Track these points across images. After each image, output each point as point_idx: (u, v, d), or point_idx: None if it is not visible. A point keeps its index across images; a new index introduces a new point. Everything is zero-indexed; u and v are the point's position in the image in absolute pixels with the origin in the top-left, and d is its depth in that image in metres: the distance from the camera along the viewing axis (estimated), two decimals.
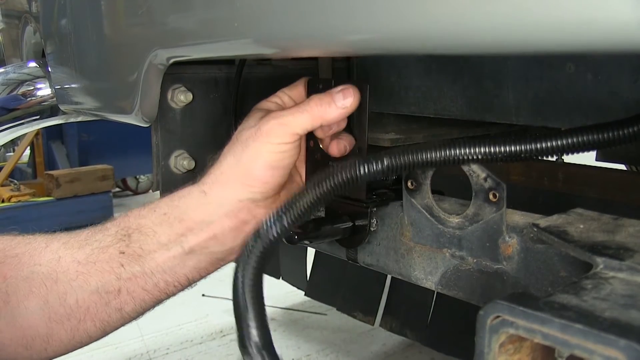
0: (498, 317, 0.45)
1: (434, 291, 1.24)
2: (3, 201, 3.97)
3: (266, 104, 0.79)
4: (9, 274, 0.76)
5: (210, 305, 2.67)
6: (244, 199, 0.75)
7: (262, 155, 0.73)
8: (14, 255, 0.78)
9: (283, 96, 0.80)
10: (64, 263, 0.77)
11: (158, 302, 0.79)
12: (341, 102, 0.71)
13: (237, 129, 0.77)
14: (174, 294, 0.79)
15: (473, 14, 0.41)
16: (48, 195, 4.07)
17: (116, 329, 0.79)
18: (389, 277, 2.08)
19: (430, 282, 0.74)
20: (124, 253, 0.76)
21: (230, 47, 0.68)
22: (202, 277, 0.80)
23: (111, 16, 0.87)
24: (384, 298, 2.07)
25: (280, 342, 2.46)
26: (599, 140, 0.56)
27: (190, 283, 0.79)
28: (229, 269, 0.66)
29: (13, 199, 3.99)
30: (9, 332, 0.75)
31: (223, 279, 0.79)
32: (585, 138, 0.56)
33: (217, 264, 0.79)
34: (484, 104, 0.86)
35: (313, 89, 0.77)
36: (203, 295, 2.71)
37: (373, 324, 2.10)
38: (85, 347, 0.80)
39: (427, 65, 0.94)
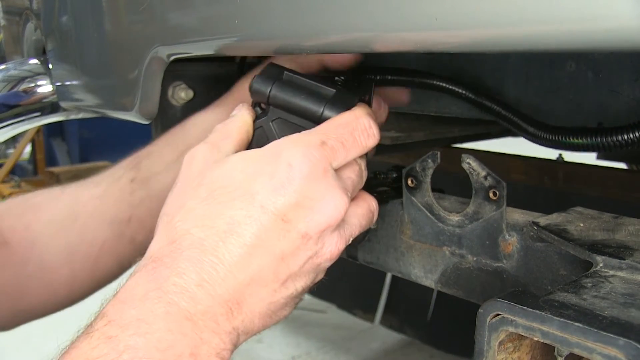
0: (498, 315, 0.45)
1: (433, 289, 1.24)
2: (4, 198, 3.97)
3: None
4: (32, 221, 0.78)
5: None
6: None
7: None
8: (31, 204, 0.81)
9: None
10: (82, 200, 0.80)
11: None
12: None
13: None
14: None
15: (475, 12, 0.41)
16: None
17: (132, 264, 0.80)
18: (388, 275, 2.08)
19: (430, 280, 0.74)
20: (134, 180, 0.77)
21: (231, 44, 0.68)
22: None
23: (112, 13, 0.86)
24: (383, 296, 2.07)
25: (279, 339, 2.46)
26: None
27: None
28: None
29: (14, 196, 3.99)
30: (37, 278, 0.76)
31: None
32: None
33: None
34: None
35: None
36: None
37: (373, 322, 2.11)
38: None
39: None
